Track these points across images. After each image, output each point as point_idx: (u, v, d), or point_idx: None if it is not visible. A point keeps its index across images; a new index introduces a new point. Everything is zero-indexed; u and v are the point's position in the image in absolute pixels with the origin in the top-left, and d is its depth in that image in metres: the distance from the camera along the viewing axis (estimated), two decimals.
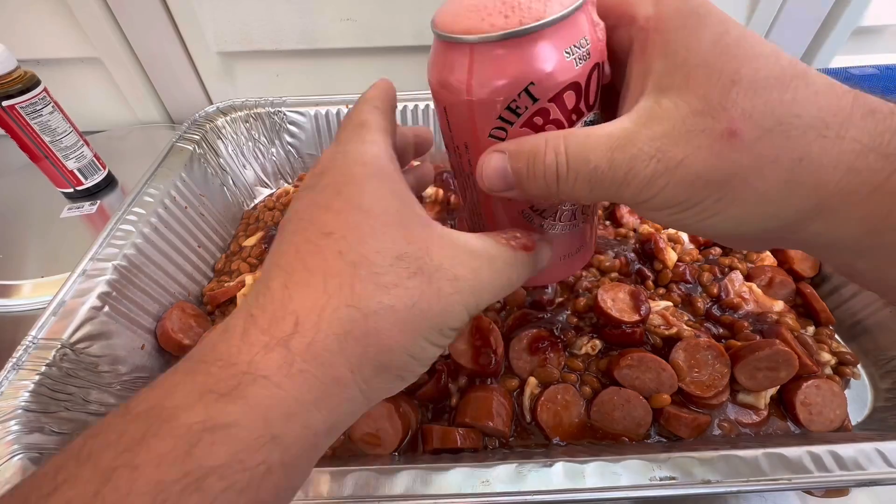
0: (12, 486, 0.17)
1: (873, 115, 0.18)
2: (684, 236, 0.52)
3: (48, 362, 0.36)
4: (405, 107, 0.63)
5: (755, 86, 0.18)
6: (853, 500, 0.38)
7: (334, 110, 0.64)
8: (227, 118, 0.63)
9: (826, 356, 0.42)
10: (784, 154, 0.18)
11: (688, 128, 0.19)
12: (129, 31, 0.72)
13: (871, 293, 0.46)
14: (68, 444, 0.17)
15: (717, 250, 0.52)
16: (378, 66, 0.75)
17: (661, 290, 0.47)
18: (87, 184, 0.66)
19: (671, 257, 0.48)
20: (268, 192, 0.67)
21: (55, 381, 0.36)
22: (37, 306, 0.53)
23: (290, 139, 0.66)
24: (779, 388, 0.40)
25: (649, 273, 0.48)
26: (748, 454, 0.31)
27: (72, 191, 0.66)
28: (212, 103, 0.66)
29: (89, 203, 0.66)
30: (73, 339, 0.38)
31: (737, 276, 0.47)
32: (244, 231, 0.60)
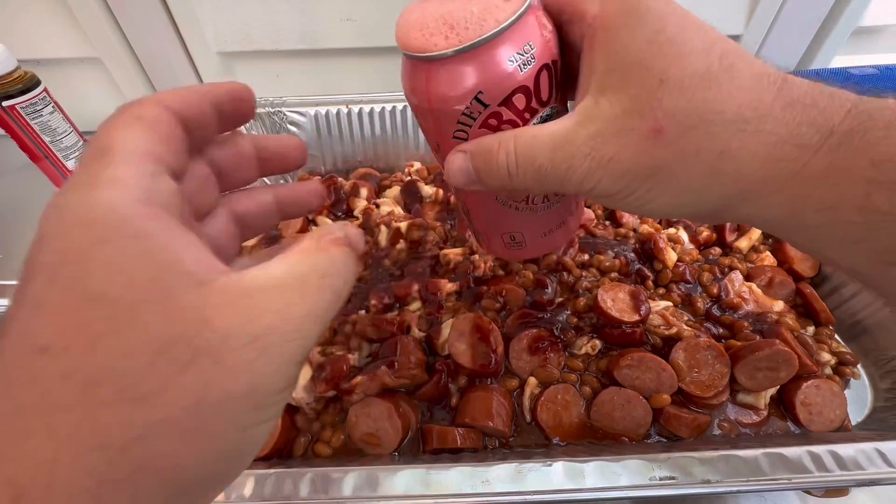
0: None
1: (792, 107, 0.20)
2: (684, 236, 0.52)
3: None
4: (405, 107, 0.63)
5: (681, 84, 0.20)
6: (853, 500, 0.38)
7: (334, 110, 0.64)
8: None
9: (826, 356, 0.42)
10: (705, 148, 0.20)
11: (618, 127, 0.21)
12: (129, 31, 0.72)
13: (871, 293, 0.46)
14: None
15: (717, 250, 0.52)
16: (378, 66, 0.75)
17: (661, 290, 0.47)
18: None
19: (671, 257, 0.48)
20: None
21: None
22: None
23: None
24: (779, 388, 0.40)
25: (649, 273, 0.48)
26: (748, 454, 0.31)
27: None
28: None
29: None
30: None
31: (737, 276, 0.47)
32: None
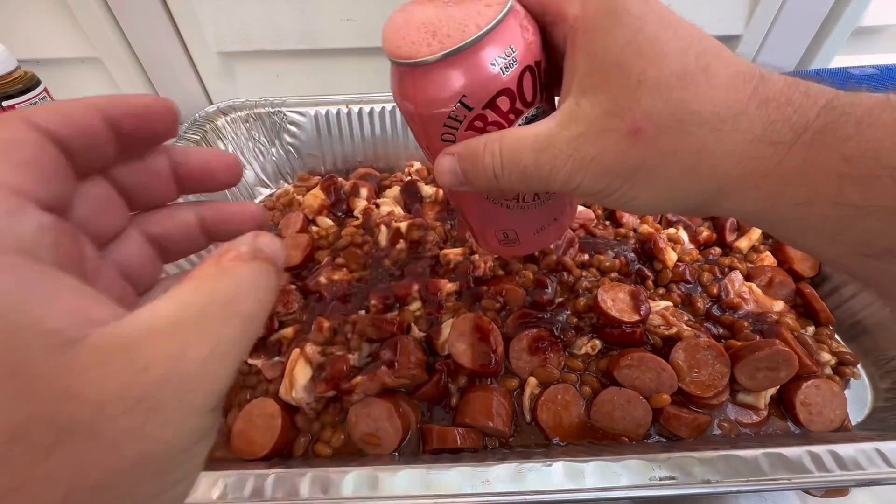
0: None
1: (767, 105, 0.20)
2: (684, 236, 0.52)
3: None
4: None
5: (658, 85, 0.20)
6: (853, 500, 0.38)
7: (334, 110, 0.64)
8: (227, 118, 0.63)
9: (826, 356, 0.42)
10: (683, 147, 0.21)
11: (599, 128, 0.21)
12: (129, 31, 0.72)
13: (871, 293, 0.46)
14: None
15: (717, 250, 0.52)
16: (378, 66, 0.75)
17: (661, 290, 0.47)
18: None
19: (671, 257, 0.48)
20: (268, 192, 0.67)
21: None
22: None
23: (290, 139, 0.66)
24: (779, 388, 0.40)
25: (649, 273, 0.48)
26: (748, 454, 0.31)
27: None
28: (212, 103, 0.66)
29: None
30: None
31: (737, 276, 0.47)
32: None
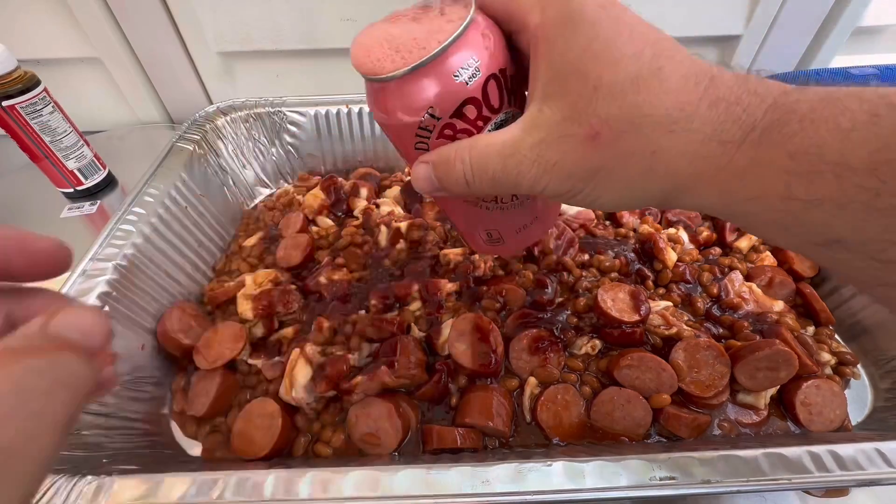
0: None
1: (717, 105, 0.21)
2: (684, 236, 0.52)
3: None
4: None
5: (613, 90, 0.21)
6: (853, 500, 0.38)
7: (334, 110, 0.64)
8: (227, 118, 0.63)
9: (826, 356, 0.42)
10: (639, 149, 0.22)
11: (559, 133, 0.22)
12: (129, 31, 0.72)
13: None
14: None
15: (717, 250, 0.52)
16: None
17: (661, 290, 0.47)
18: (88, 184, 0.66)
19: (671, 257, 0.48)
20: (268, 192, 0.67)
21: None
22: None
23: (290, 139, 0.66)
24: (779, 388, 0.40)
25: (649, 273, 0.48)
26: (748, 454, 0.31)
27: (72, 191, 0.66)
28: (212, 103, 0.66)
29: (89, 203, 0.66)
30: None
31: (737, 277, 0.47)
32: (244, 231, 0.60)
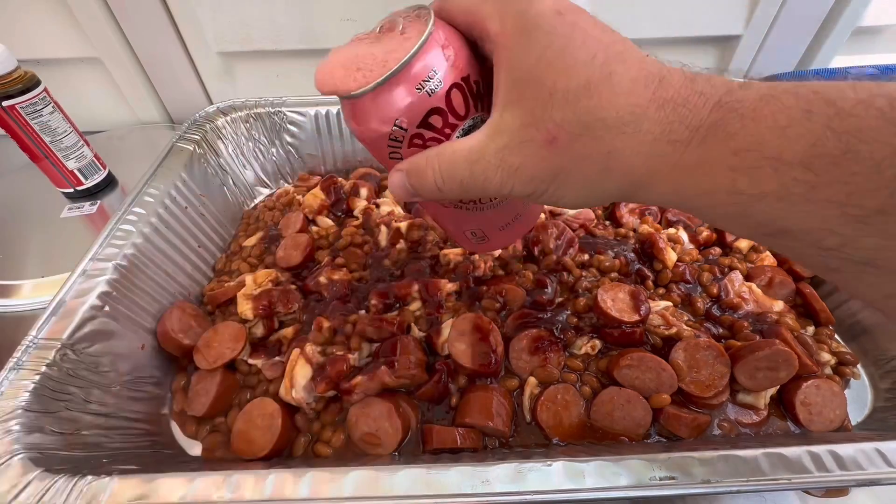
0: None
1: (665, 107, 0.22)
2: (684, 236, 0.52)
3: (48, 362, 0.36)
4: None
5: (567, 96, 0.22)
6: (853, 500, 0.38)
7: (334, 110, 0.64)
8: (227, 118, 0.63)
9: (826, 356, 0.42)
10: (595, 151, 0.23)
11: (520, 138, 0.24)
12: (129, 31, 0.72)
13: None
14: None
15: (717, 250, 0.52)
16: None
17: (661, 290, 0.47)
18: (88, 184, 0.66)
19: (671, 257, 0.48)
20: (268, 191, 0.67)
21: (55, 381, 0.36)
22: (37, 306, 0.53)
23: (290, 139, 0.66)
24: (779, 388, 0.40)
25: (649, 273, 0.48)
26: (748, 454, 0.31)
27: (72, 191, 0.66)
28: (212, 103, 0.66)
29: (89, 203, 0.66)
30: (73, 339, 0.38)
31: (737, 276, 0.47)
32: (244, 231, 0.60)
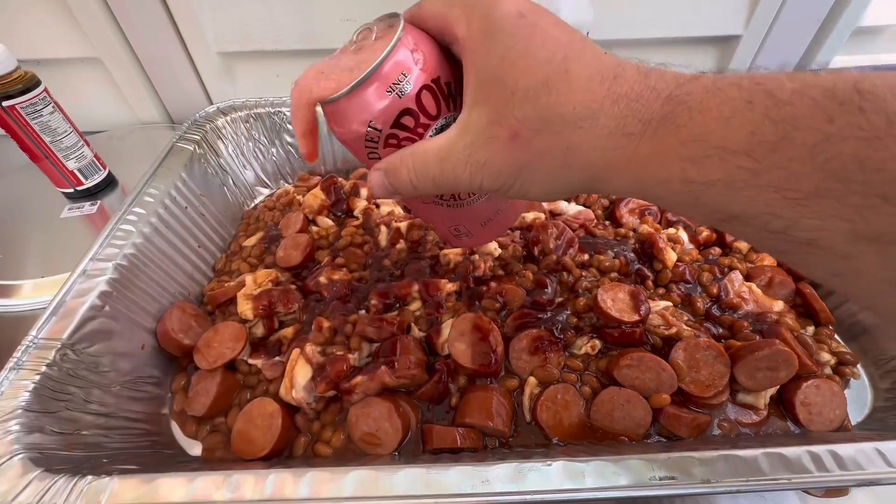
0: None
1: (619, 102, 0.23)
2: (684, 236, 0.52)
3: (48, 362, 0.36)
4: None
5: (528, 94, 0.23)
6: (853, 500, 0.38)
7: None
8: (227, 118, 0.63)
9: (826, 356, 0.42)
10: (555, 146, 0.24)
11: (486, 136, 0.25)
12: (129, 31, 0.72)
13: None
14: None
15: (717, 250, 0.52)
16: None
17: (661, 290, 0.47)
18: (88, 184, 0.66)
19: (671, 257, 0.48)
20: (268, 192, 0.67)
21: (55, 381, 0.36)
22: (37, 306, 0.53)
23: (290, 139, 0.66)
24: (779, 388, 0.40)
25: (649, 273, 0.48)
26: (748, 454, 0.31)
27: (72, 191, 0.66)
28: (212, 103, 0.66)
29: (89, 203, 0.66)
30: (73, 339, 0.38)
31: (736, 277, 0.47)
32: (244, 231, 0.60)
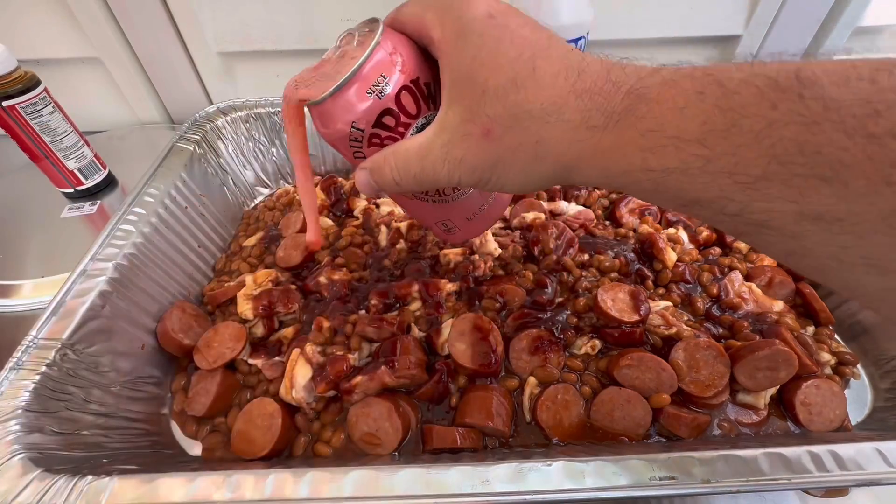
0: None
1: (582, 97, 0.24)
2: (684, 236, 0.52)
3: (48, 362, 0.36)
4: None
5: (498, 92, 0.24)
6: (853, 500, 0.38)
7: None
8: (227, 118, 0.63)
9: (826, 356, 0.42)
10: (525, 140, 0.25)
11: (461, 133, 0.26)
12: (129, 31, 0.72)
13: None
14: None
15: (717, 250, 0.52)
16: None
17: (661, 290, 0.47)
18: (88, 184, 0.66)
19: (671, 257, 0.48)
20: (268, 192, 0.67)
21: (55, 381, 0.36)
22: (37, 306, 0.53)
23: None
24: (779, 388, 0.40)
25: (649, 273, 0.48)
26: (748, 454, 0.31)
27: (72, 191, 0.66)
28: (212, 103, 0.66)
29: (89, 203, 0.66)
30: (73, 339, 0.38)
31: (736, 276, 0.47)
32: (244, 231, 0.60)
